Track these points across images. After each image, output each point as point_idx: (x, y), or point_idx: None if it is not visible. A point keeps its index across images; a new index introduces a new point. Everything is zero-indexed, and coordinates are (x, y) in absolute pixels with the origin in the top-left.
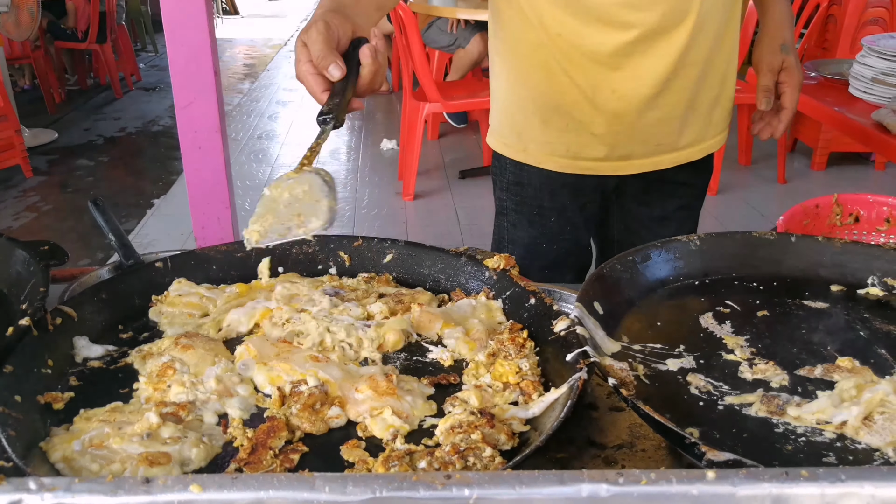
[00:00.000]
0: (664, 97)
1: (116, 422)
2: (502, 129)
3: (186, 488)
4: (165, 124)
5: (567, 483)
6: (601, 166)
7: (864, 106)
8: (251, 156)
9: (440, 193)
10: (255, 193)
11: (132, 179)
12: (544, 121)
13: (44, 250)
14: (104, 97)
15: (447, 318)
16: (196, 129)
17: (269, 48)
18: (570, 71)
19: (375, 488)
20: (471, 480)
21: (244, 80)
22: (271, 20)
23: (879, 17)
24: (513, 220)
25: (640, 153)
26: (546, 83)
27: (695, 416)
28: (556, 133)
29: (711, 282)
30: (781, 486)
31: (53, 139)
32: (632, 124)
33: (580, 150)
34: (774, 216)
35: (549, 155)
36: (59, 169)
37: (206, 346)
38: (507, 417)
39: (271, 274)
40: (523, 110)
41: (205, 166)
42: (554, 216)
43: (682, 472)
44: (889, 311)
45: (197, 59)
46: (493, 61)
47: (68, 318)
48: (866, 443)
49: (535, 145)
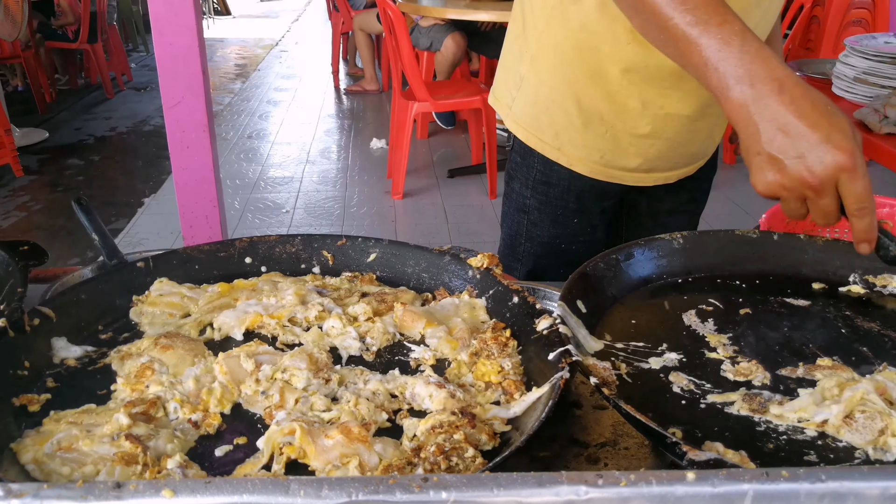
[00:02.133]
0: (703, 119)
1: (85, 424)
2: (540, 125)
3: (158, 493)
4: (156, 124)
5: (546, 485)
6: (628, 176)
7: (846, 105)
8: (241, 155)
9: (429, 192)
10: (244, 192)
11: (123, 179)
12: (585, 124)
13: (23, 250)
14: (95, 97)
15: (430, 317)
16: (184, 129)
17: (261, 48)
18: (624, 81)
19: (351, 491)
20: (448, 483)
21: (235, 80)
22: (263, 20)
23: (862, 17)
24: (534, 219)
25: (665, 167)
26: (595, 88)
27: (677, 414)
28: (595, 138)
29: (694, 280)
30: (762, 486)
31: (44, 139)
32: (669, 140)
33: (613, 159)
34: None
35: (582, 159)
36: (49, 168)
37: (186, 347)
38: (488, 417)
39: (255, 273)
40: (565, 111)
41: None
42: (577, 217)
43: (661, 473)
44: (870, 309)
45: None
46: (533, 55)
47: (46, 318)
48: (847, 441)
49: (572, 147)
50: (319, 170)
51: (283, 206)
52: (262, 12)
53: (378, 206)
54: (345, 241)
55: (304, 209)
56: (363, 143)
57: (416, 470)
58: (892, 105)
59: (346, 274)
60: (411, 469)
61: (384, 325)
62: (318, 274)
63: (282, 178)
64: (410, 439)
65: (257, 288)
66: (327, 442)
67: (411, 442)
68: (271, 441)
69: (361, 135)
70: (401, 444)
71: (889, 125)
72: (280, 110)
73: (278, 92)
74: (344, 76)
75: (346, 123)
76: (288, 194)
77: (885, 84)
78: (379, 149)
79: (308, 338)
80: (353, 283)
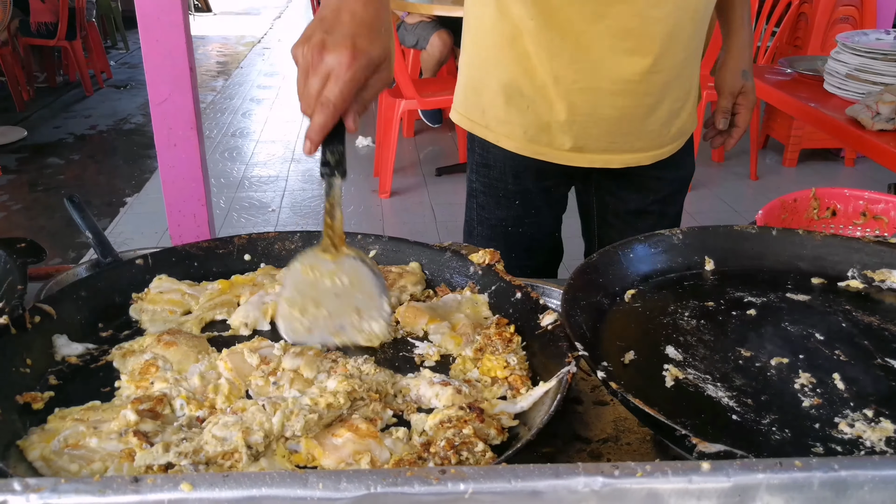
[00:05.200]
0: (626, 97)
1: (91, 421)
2: (467, 104)
3: (177, 487)
4: (137, 122)
5: (563, 476)
6: (559, 155)
7: (838, 102)
8: (225, 153)
9: (416, 191)
10: (229, 192)
11: (104, 178)
12: (507, 100)
13: (21, 248)
14: (74, 95)
15: (433, 313)
16: (171, 126)
17: (243, 45)
18: (539, 56)
19: (369, 484)
20: (466, 475)
21: (217, 77)
22: (244, 17)
23: (850, 15)
24: (482, 202)
25: (598, 148)
26: (514, 63)
27: (681, 408)
28: (517, 114)
29: (694, 275)
30: (776, 476)
31: (22, 137)
32: (590, 116)
33: (537, 135)
34: (747, 212)
35: (507, 135)
36: (28, 167)
37: (190, 344)
38: (496, 412)
39: (253, 270)
40: (488, 87)
41: (180, 163)
42: (518, 199)
43: (677, 463)
44: (870, 304)
45: (172, 56)
46: (464, 38)
47: (47, 316)
48: (853, 433)
49: (497, 123)
50: (305, 168)
51: (268, 205)
52: (243, 9)
53: (365, 205)
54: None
55: (290, 208)
56: (349, 141)
57: (427, 465)
58: (884, 102)
59: None
60: (422, 464)
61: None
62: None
63: (267, 176)
64: (419, 434)
65: (257, 282)
66: (336, 441)
67: (420, 437)
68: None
69: (347, 133)
70: (410, 439)
71: (881, 122)
72: (264, 108)
73: (261, 90)
74: None
75: None
76: (273, 193)
77: (876, 80)
78: (365, 147)
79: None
80: None
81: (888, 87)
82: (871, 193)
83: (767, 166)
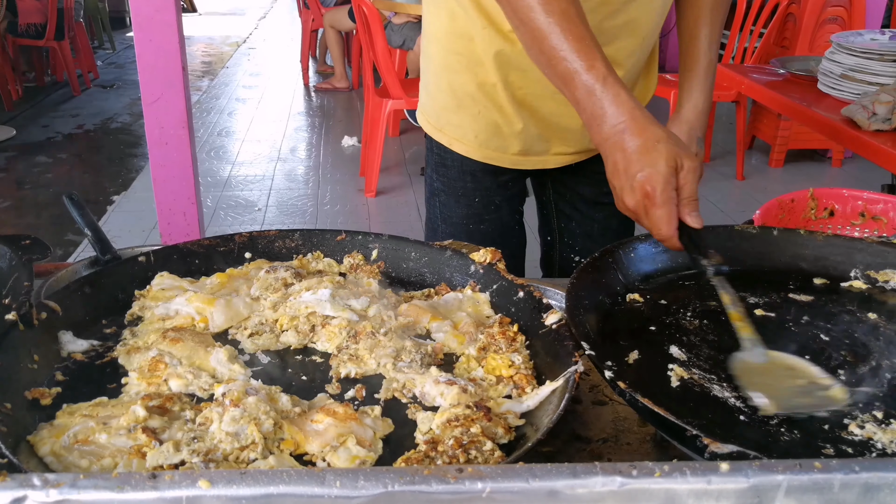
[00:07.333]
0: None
1: (99, 416)
2: (425, 107)
3: (195, 484)
4: (124, 121)
5: (580, 476)
6: (508, 158)
7: (832, 102)
8: (211, 153)
9: (402, 190)
10: (216, 190)
11: (91, 177)
12: (459, 104)
13: (25, 244)
14: (62, 94)
15: (434, 311)
16: (163, 125)
17: (228, 46)
18: (489, 62)
19: (387, 482)
20: (483, 474)
21: (203, 77)
22: (230, 17)
23: (838, 15)
24: (444, 201)
25: (539, 150)
26: (466, 70)
27: (688, 408)
28: (468, 119)
29: (696, 274)
30: (796, 477)
31: (11, 136)
32: (539, 121)
33: (488, 140)
34: (733, 212)
35: (459, 139)
36: (16, 166)
37: (196, 339)
38: (502, 411)
39: None
40: (442, 91)
41: (171, 162)
42: (477, 196)
43: (695, 464)
44: (875, 304)
45: (165, 55)
46: (422, 41)
47: (53, 312)
48: (863, 434)
49: (450, 128)
50: (291, 167)
51: (255, 204)
52: (228, 9)
53: (351, 204)
54: (344, 237)
55: (276, 207)
56: (334, 141)
57: (436, 464)
58: (880, 102)
59: (350, 261)
60: (430, 463)
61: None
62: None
63: (253, 175)
64: (425, 433)
65: (250, 276)
66: (317, 427)
67: (426, 435)
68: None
69: (332, 132)
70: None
71: (877, 122)
72: (249, 108)
73: (247, 90)
74: (313, 74)
75: (316, 121)
76: (260, 192)
77: (871, 80)
78: (350, 146)
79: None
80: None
81: (884, 88)
82: (870, 193)
83: (754, 167)
